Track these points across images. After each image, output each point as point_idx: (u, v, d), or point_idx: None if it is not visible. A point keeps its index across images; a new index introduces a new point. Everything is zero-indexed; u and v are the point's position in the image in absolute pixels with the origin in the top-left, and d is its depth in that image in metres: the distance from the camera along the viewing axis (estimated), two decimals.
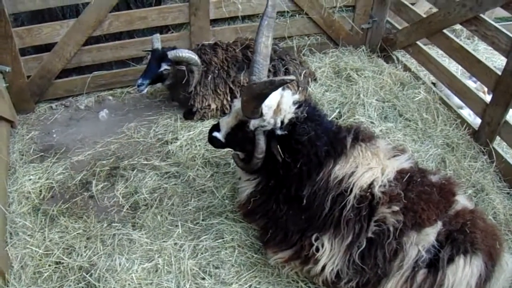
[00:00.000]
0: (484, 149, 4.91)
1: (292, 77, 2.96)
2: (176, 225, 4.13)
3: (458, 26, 6.32)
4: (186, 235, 4.06)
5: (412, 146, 4.95)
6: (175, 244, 3.96)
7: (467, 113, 5.43)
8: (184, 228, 4.10)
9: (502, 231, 4.10)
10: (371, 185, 3.37)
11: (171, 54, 4.76)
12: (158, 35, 4.92)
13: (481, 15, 4.68)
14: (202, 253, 3.91)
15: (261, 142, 3.41)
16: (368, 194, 3.35)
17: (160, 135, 5.12)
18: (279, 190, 3.54)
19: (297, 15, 6.05)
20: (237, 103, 3.51)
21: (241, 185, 3.92)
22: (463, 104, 5.38)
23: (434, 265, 3.18)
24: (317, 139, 3.39)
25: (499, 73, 4.57)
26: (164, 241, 3.96)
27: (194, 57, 4.79)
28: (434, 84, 5.95)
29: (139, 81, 4.77)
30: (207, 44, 5.30)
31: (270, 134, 3.42)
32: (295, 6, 5.91)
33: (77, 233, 4.00)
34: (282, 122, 3.39)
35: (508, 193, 4.62)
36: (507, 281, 3.36)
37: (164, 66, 4.83)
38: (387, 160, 3.53)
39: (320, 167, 3.42)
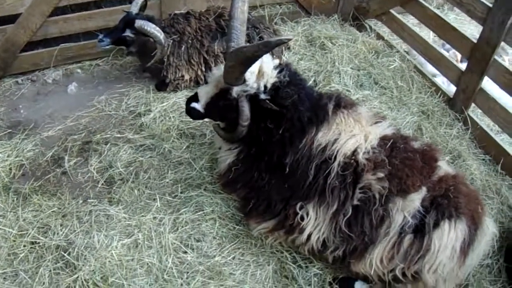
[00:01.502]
0: (460, 116, 4.96)
1: (289, 36, 2.87)
2: (154, 199, 4.03)
3: None
4: (165, 208, 3.97)
5: (389, 114, 4.95)
6: (154, 218, 3.87)
7: (440, 81, 5.46)
8: (162, 202, 4.01)
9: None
10: (355, 152, 3.34)
11: (137, 23, 4.56)
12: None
13: None
14: (182, 227, 3.84)
15: (246, 109, 3.31)
16: (352, 161, 3.32)
17: (132, 108, 4.96)
18: (261, 158, 3.47)
19: None
20: (216, 71, 3.41)
21: (221, 155, 3.82)
22: (437, 72, 5.41)
23: (420, 230, 3.19)
24: (300, 104, 3.34)
25: (475, 41, 4.58)
26: (142, 216, 3.87)
27: (159, 35, 4.59)
28: (406, 52, 5.95)
29: (101, 36, 4.65)
30: (179, 13, 5.12)
31: (253, 99, 3.33)
32: None
33: (52, 211, 3.85)
34: (265, 86, 3.32)
35: (483, 159, 4.71)
36: (487, 244, 3.43)
37: (128, 33, 4.67)
38: (370, 127, 3.50)
39: (303, 133, 3.37)
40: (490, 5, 4.35)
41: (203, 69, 5.10)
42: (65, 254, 3.52)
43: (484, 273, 3.82)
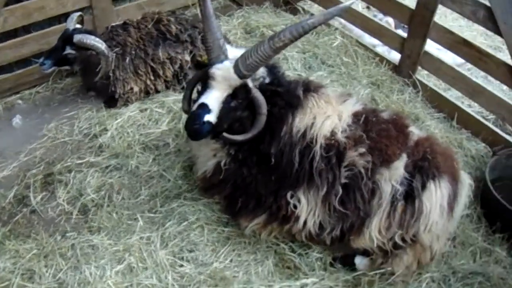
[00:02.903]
0: (408, 80, 5.15)
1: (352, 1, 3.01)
2: (135, 219, 3.90)
3: None
4: (149, 226, 3.85)
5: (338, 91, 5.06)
6: (141, 238, 3.74)
7: (381, 50, 5.64)
8: (144, 220, 3.89)
9: None
10: (333, 133, 3.38)
11: (76, 38, 4.37)
12: (75, 13, 4.57)
13: None
14: (171, 240, 3.74)
15: (261, 97, 3.24)
16: (333, 141, 3.36)
17: (86, 130, 4.73)
18: (252, 153, 3.43)
19: None
20: (219, 72, 3.17)
21: (201, 159, 3.71)
22: (377, 42, 5.58)
23: (410, 195, 3.31)
24: (277, 92, 3.36)
25: (412, 7, 4.77)
26: (128, 238, 3.72)
27: (101, 46, 4.42)
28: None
29: (41, 60, 4.43)
30: (116, 25, 4.93)
31: (261, 87, 3.30)
32: None
33: (32, 254, 3.60)
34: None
35: (438, 118, 4.93)
36: (467, 196, 3.60)
37: (68, 50, 4.47)
38: (340, 106, 3.55)
39: (281, 122, 3.37)
40: None
41: (152, 78, 4.96)
42: None
43: (466, 223, 4.03)
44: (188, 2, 5.90)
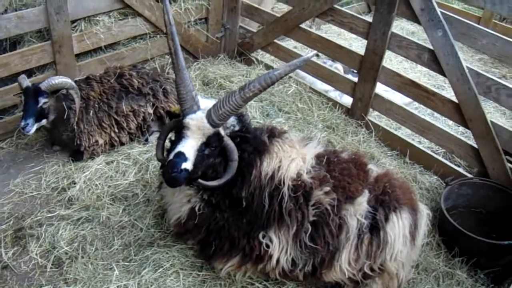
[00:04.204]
0: (361, 122, 5.49)
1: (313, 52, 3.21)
2: (111, 268, 3.92)
3: None
4: (125, 275, 3.88)
5: (300, 135, 5.32)
6: (118, 287, 3.76)
7: (333, 95, 5.99)
8: (120, 269, 3.92)
9: None
10: (299, 174, 3.61)
11: (43, 85, 4.45)
12: (23, 75, 4.60)
13: (335, 5, 5.23)
14: (148, 287, 3.78)
15: (232, 144, 3.42)
16: (299, 182, 3.58)
17: (53, 184, 4.74)
18: (224, 197, 3.58)
19: (158, 36, 6.06)
20: (193, 122, 3.32)
21: (175, 205, 3.82)
22: (329, 88, 5.94)
23: (374, 227, 3.55)
24: (245, 138, 3.56)
25: (362, 53, 5.16)
26: None
27: (68, 80, 4.56)
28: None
29: (23, 123, 4.41)
30: (79, 79, 5.07)
31: (231, 134, 3.48)
32: (154, 28, 5.92)
33: None
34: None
35: (391, 155, 5.26)
36: (426, 225, 3.89)
37: (42, 100, 4.49)
38: (303, 149, 3.82)
39: (251, 166, 3.55)
40: (370, 21, 4.97)
41: (116, 130, 5.08)
42: None
43: (427, 250, 4.30)
44: (147, 56, 6.10)
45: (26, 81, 4.52)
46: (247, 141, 3.55)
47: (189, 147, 3.30)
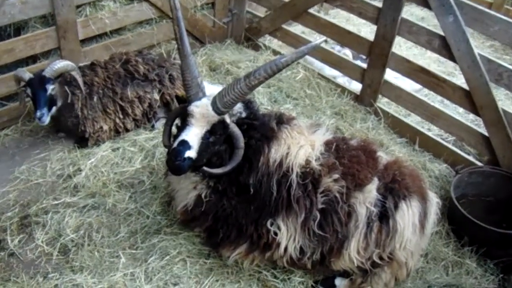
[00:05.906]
0: (370, 109, 5.42)
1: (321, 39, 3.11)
2: (117, 256, 3.91)
3: None
4: (132, 262, 3.88)
5: (308, 122, 5.27)
6: (125, 275, 3.76)
7: (342, 81, 5.92)
8: (126, 256, 3.91)
9: None
10: (307, 161, 3.55)
11: (47, 72, 4.42)
12: (20, 68, 4.57)
13: None
14: (155, 275, 3.77)
15: (238, 131, 3.37)
16: (308, 169, 3.52)
17: (59, 171, 4.71)
18: (231, 184, 3.54)
19: (164, 21, 5.99)
20: (197, 109, 3.28)
21: (181, 192, 3.78)
22: (337, 74, 5.86)
23: (384, 215, 3.49)
24: (253, 125, 3.51)
25: (371, 39, 5.08)
26: (112, 275, 3.73)
27: (69, 62, 4.55)
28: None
29: (38, 114, 4.40)
30: (84, 65, 5.00)
31: (238, 121, 3.43)
32: (160, 12, 5.84)
33: None
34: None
35: (401, 143, 5.20)
36: (435, 213, 3.82)
37: (50, 87, 4.46)
38: (312, 135, 3.75)
39: (258, 153, 3.51)
40: (379, 6, 4.88)
41: (121, 116, 5.03)
42: None
43: (436, 239, 4.26)
44: (153, 42, 6.03)
45: (25, 73, 4.48)
46: (254, 128, 3.50)
47: (193, 135, 3.27)
